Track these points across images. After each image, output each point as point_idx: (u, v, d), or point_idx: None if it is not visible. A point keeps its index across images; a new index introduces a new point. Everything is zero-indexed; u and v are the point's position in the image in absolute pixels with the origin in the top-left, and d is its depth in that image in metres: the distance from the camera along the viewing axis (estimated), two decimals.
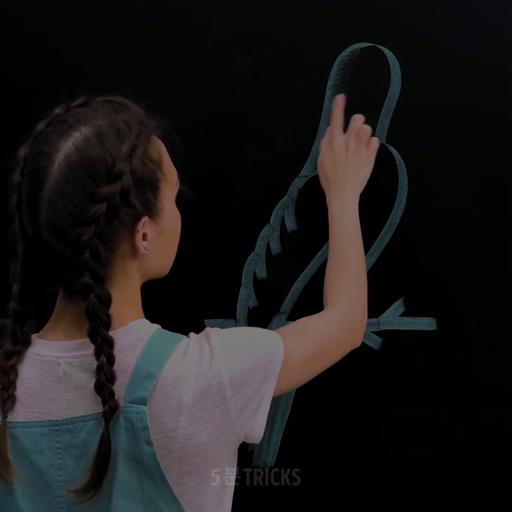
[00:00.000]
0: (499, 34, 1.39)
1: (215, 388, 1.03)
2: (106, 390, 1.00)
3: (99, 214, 1.00)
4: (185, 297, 1.46)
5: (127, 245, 1.05)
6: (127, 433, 1.01)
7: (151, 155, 1.07)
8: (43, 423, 1.04)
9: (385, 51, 1.41)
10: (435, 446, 1.45)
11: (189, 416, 1.01)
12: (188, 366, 1.03)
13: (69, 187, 1.00)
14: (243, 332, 1.13)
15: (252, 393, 1.07)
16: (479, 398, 1.44)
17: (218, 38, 1.46)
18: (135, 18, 1.47)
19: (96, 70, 1.48)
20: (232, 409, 1.04)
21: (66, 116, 1.05)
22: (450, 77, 1.40)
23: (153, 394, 1.01)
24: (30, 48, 1.50)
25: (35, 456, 1.05)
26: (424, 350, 1.44)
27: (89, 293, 1.01)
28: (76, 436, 1.03)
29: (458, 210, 1.42)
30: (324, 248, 1.45)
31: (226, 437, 1.05)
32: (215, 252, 1.47)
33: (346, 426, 1.47)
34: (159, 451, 1.01)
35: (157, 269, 1.13)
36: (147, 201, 1.06)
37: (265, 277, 1.48)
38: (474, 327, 1.42)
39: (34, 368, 1.06)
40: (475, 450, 1.44)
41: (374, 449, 1.47)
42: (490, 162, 1.41)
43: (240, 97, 1.46)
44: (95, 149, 1.01)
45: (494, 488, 1.44)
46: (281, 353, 1.10)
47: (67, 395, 1.04)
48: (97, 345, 1.01)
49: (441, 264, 1.43)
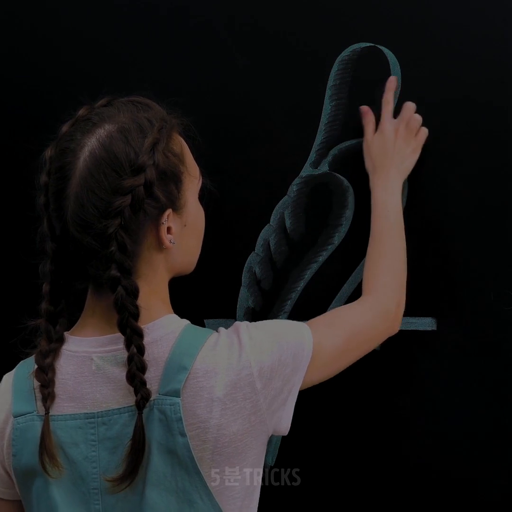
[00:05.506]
0: (498, 33, 1.39)
1: (245, 380, 1.05)
2: (138, 379, 1.02)
3: (124, 206, 1.02)
4: (185, 297, 1.46)
5: (153, 238, 1.08)
6: (161, 425, 1.04)
7: (173, 149, 1.10)
8: (78, 416, 1.07)
9: (385, 51, 1.42)
10: (435, 446, 1.45)
11: (221, 407, 1.04)
12: (218, 358, 1.05)
13: (94, 181, 1.03)
14: (271, 325, 1.14)
15: (281, 385, 1.09)
16: (479, 398, 1.44)
17: (218, 38, 1.46)
18: (135, 18, 1.47)
19: (96, 70, 1.48)
20: (262, 401, 1.07)
21: (90, 116, 1.09)
22: (450, 77, 1.41)
23: (186, 386, 1.04)
24: (30, 48, 1.50)
25: (70, 448, 1.07)
26: (424, 350, 1.44)
27: (117, 285, 1.03)
28: (111, 429, 1.06)
29: (458, 209, 1.42)
30: (325, 248, 1.45)
31: (256, 428, 1.07)
32: (215, 252, 1.47)
33: (346, 426, 1.47)
34: (193, 442, 1.03)
35: (182, 264, 1.16)
36: (171, 194, 1.08)
37: (265, 277, 1.48)
38: (474, 327, 1.42)
39: (68, 364, 1.09)
40: (475, 450, 1.44)
41: (374, 449, 1.47)
42: (490, 162, 1.41)
43: (240, 97, 1.46)
44: (119, 144, 1.04)
45: (494, 488, 1.44)
46: (310, 346, 1.12)
47: (101, 389, 1.07)
48: (127, 336, 1.03)
49: (441, 264, 1.43)
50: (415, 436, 1.46)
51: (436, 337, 1.43)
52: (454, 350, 1.43)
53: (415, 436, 1.46)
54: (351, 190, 1.44)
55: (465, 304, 1.42)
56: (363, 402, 1.47)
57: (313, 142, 1.45)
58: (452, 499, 1.45)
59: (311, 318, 1.23)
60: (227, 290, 1.48)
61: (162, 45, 1.47)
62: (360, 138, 1.43)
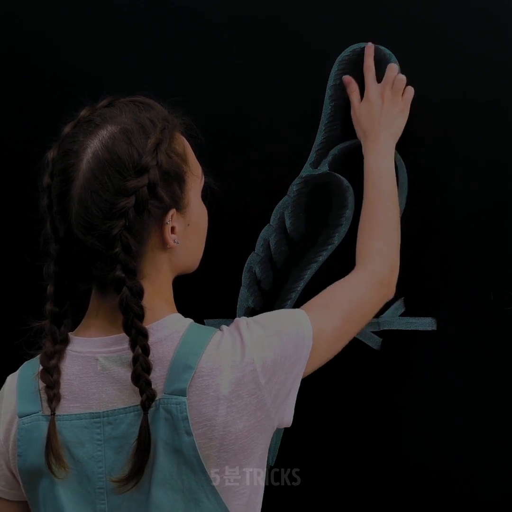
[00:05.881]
0: (499, 33, 1.39)
1: (249, 376, 1.05)
2: (143, 380, 1.03)
3: (129, 207, 1.02)
4: (186, 296, 1.46)
5: (157, 238, 1.08)
6: (167, 424, 1.04)
7: (176, 149, 1.10)
8: (84, 415, 1.07)
9: (385, 51, 1.42)
10: (435, 446, 1.45)
11: (227, 405, 1.04)
12: (222, 356, 1.05)
13: (98, 183, 1.03)
14: (270, 318, 1.14)
15: (284, 377, 1.09)
16: (479, 398, 1.44)
17: (218, 38, 1.46)
18: (135, 18, 1.47)
19: (96, 70, 1.48)
20: (267, 395, 1.07)
21: (92, 117, 1.09)
22: (450, 76, 1.41)
23: (191, 385, 1.04)
24: (30, 48, 1.50)
25: (75, 448, 1.07)
26: (424, 350, 1.44)
27: (121, 286, 1.03)
28: (116, 428, 1.06)
29: (458, 209, 1.42)
30: (325, 248, 1.45)
31: (262, 423, 1.07)
32: (215, 252, 1.47)
33: (346, 426, 1.47)
34: (199, 441, 1.04)
35: (186, 263, 1.16)
36: (174, 194, 1.08)
37: (265, 277, 1.48)
38: (474, 327, 1.42)
39: (73, 365, 1.09)
40: (475, 450, 1.44)
41: (374, 449, 1.47)
42: (491, 162, 1.41)
43: (240, 97, 1.46)
44: (122, 145, 1.04)
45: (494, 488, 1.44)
46: (310, 334, 1.12)
47: (106, 389, 1.07)
48: (132, 337, 1.03)
49: (441, 264, 1.43)
50: (415, 436, 1.46)
51: (436, 337, 1.43)
52: (454, 350, 1.43)
53: (415, 436, 1.46)
54: (351, 190, 1.44)
55: (465, 304, 1.42)
56: (363, 402, 1.46)
57: (313, 142, 1.45)
58: (452, 499, 1.46)
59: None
60: (227, 290, 1.48)
61: (162, 45, 1.47)
62: None
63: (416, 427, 1.46)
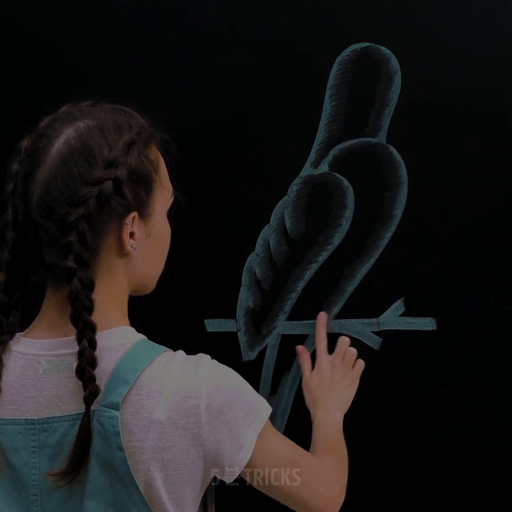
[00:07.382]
0: (499, 34, 1.39)
1: (190, 409, 1.01)
2: (87, 374, 0.99)
3: (90, 197, 1.01)
4: (185, 297, 1.46)
5: (114, 238, 1.05)
6: (100, 437, 1.00)
7: (148, 155, 1.09)
8: (19, 421, 1.04)
9: (385, 51, 1.42)
10: (435, 445, 1.45)
11: (159, 430, 1.00)
12: (167, 379, 1.02)
13: (65, 169, 1.02)
14: (237, 375, 1.09)
15: (226, 432, 1.03)
16: (479, 398, 1.44)
17: (218, 38, 1.46)
18: (135, 18, 1.47)
19: (96, 70, 1.48)
20: (205, 437, 1.02)
21: (72, 110, 1.09)
22: (450, 76, 1.41)
23: (126, 401, 1.00)
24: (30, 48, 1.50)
25: (10, 454, 1.04)
26: (424, 350, 1.44)
27: (72, 277, 1.00)
28: (51, 436, 1.03)
29: (458, 209, 1.42)
30: (325, 248, 1.45)
31: (194, 463, 1.03)
32: (215, 252, 1.47)
33: (346, 426, 1.47)
34: (130, 459, 1.00)
35: (143, 276, 1.12)
36: (139, 197, 1.06)
37: (265, 277, 1.48)
38: (474, 327, 1.42)
39: (15, 366, 1.06)
40: (475, 450, 1.44)
41: (374, 449, 1.47)
42: (490, 162, 1.41)
43: (240, 98, 1.46)
44: (95, 137, 1.04)
45: (494, 488, 1.45)
46: (265, 415, 1.07)
47: (45, 394, 1.04)
48: (79, 329, 1.00)
49: (441, 264, 1.43)
50: (415, 436, 1.46)
51: (436, 337, 1.43)
52: (454, 350, 1.43)
53: (414, 436, 1.46)
54: (351, 190, 1.44)
55: (465, 304, 1.42)
56: (363, 402, 1.46)
57: (313, 142, 1.45)
58: (452, 499, 1.46)
59: (311, 318, 1.22)
60: (227, 290, 1.48)
61: (162, 45, 1.47)
62: (360, 138, 1.43)
63: (416, 427, 1.46)
